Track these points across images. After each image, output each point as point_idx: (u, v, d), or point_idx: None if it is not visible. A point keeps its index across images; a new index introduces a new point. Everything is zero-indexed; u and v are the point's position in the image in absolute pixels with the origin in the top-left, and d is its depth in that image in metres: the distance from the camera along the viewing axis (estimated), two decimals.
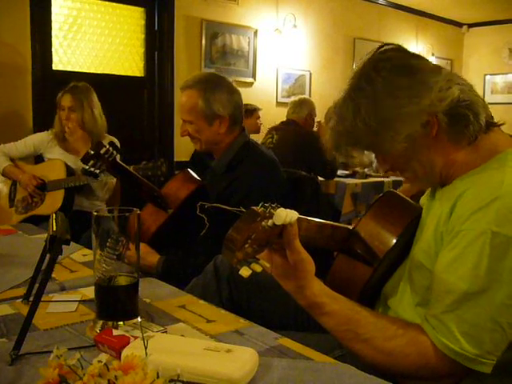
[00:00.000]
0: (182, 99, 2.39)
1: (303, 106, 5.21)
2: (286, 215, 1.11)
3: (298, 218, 1.17)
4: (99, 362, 0.75)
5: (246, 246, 1.08)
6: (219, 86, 2.36)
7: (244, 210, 1.14)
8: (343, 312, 1.28)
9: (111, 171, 2.09)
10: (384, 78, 1.29)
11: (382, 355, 1.23)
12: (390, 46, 1.35)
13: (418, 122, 1.26)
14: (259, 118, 5.96)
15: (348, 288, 1.46)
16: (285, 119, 5.36)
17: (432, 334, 1.20)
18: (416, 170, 1.34)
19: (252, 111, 5.59)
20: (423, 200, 1.48)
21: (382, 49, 1.35)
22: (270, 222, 1.09)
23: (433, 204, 1.39)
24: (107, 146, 1.98)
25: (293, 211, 1.14)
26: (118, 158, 2.12)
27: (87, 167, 2.02)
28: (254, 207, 1.12)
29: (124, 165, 2.11)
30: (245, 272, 1.14)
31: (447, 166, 1.32)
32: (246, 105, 6.16)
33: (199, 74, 2.42)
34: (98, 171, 2.02)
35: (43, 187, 3.58)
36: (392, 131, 1.27)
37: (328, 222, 1.46)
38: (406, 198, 1.53)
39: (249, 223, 1.08)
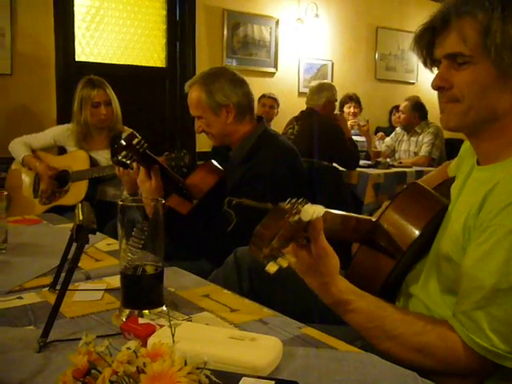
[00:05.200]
0: (189, 98, 2.44)
1: (321, 93, 5.07)
2: (313, 211, 1.11)
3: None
4: (128, 348, 0.76)
5: (273, 241, 1.08)
6: (220, 77, 2.40)
7: (271, 205, 1.14)
8: (369, 309, 1.26)
9: (141, 162, 2.11)
10: None
11: (411, 352, 1.22)
12: None
13: None
14: (265, 105, 6.07)
15: (370, 280, 1.46)
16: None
17: (461, 331, 1.19)
18: (472, 106, 1.26)
19: None
20: (453, 189, 1.46)
21: None
22: (296, 218, 1.09)
23: (463, 194, 1.37)
24: (139, 137, 2.00)
25: (319, 206, 1.14)
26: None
27: (119, 158, 2.05)
28: (282, 203, 1.11)
29: (153, 156, 2.13)
30: (271, 268, 1.15)
31: (498, 130, 1.28)
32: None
33: (203, 71, 2.46)
34: (128, 162, 2.04)
35: (65, 178, 3.62)
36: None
37: (352, 214, 1.45)
38: (431, 190, 1.51)
39: (276, 220, 1.08)
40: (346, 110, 6.46)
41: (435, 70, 1.36)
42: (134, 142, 2.00)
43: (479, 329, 1.16)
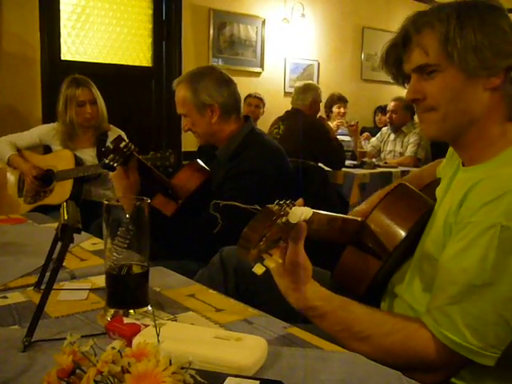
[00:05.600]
0: (175, 96, 2.46)
1: (307, 93, 5.10)
2: (301, 213, 1.11)
3: None
4: (113, 348, 0.76)
5: (261, 243, 1.08)
6: (206, 77, 2.40)
7: (259, 207, 1.14)
8: (337, 313, 1.27)
9: (126, 163, 2.10)
10: (487, 13, 1.29)
11: (380, 352, 1.22)
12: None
13: (501, 63, 1.25)
14: (250, 104, 6.09)
15: (356, 280, 1.46)
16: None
17: (433, 328, 1.20)
18: (448, 112, 1.30)
19: None
20: (438, 192, 1.48)
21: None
22: (284, 219, 1.09)
23: (447, 195, 1.38)
24: (127, 141, 2.00)
25: (307, 208, 1.14)
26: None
27: (107, 161, 2.04)
28: (270, 205, 1.11)
29: (139, 157, 2.13)
30: (259, 270, 1.15)
31: (478, 130, 1.31)
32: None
33: (192, 70, 2.47)
34: (115, 165, 2.04)
35: (50, 177, 3.60)
36: (480, 54, 1.24)
37: (338, 214, 1.45)
38: (418, 191, 1.52)
39: (264, 222, 1.08)
40: (335, 110, 6.47)
41: (407, 86, 1.39)
42: (122, 145, 2.00)
43: (453, 324, 1.17)
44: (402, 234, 1.41)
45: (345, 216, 1.48)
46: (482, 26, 1.25)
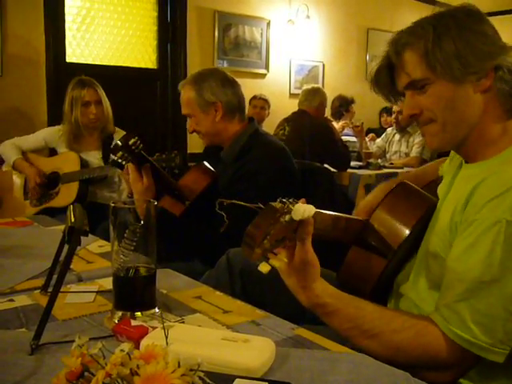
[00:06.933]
0: (180, 97, 2.50)
1: (316, 95, 5.15)
2: (304, 210, 1.11)
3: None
4: (122, 351, 0.75)
5: (265, 241, 1.08)
6: (209, 77, 2.44)
7: (262, 205, 1.14)
8: (347, 310, 1.27)
9: (135, 162, 2.10)
10: (464, 20, 1.31)
11: (390, 350, 1.23)
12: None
13: (487, 64, 1.27)
14: (256, 106, 6.09)
15: (362, 280, 1.46)
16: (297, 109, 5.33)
17: (442, 325, 1.20)
18: (447, 121, 1.31)
19: None
20: (440, 190, 1.48)
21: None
22: (287, 217, 1.10)
23: (451, 192, 1.39)
24: (135, 138, 2.00)
25: (310, 206, 1.14)
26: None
27: (116, 158, 2.04)
28: (273, 203, 1.11)
29: (148, 157, 2.13)
30: (264, 268, 1.15)
31: (479, 132, 1.32)
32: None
33: (196, 71, 2.50)
34: (124, 162, 2.04)
35: (55, 180, 3.60)
36: (464, 60, 1.26)
37: (342, 214, 1.46)
38: (420, 189, 1.53)
39: (268, 219, 1.08)
40: (352, 110, 6.43)
41: (400, 103, 1.44)
42: (131, 142, 2.00)
43: (461, 321, 1.18)
44: (406, 231, 1.41)
45: (348, 216, 1.48)
46: (461, 33, 1.27)
